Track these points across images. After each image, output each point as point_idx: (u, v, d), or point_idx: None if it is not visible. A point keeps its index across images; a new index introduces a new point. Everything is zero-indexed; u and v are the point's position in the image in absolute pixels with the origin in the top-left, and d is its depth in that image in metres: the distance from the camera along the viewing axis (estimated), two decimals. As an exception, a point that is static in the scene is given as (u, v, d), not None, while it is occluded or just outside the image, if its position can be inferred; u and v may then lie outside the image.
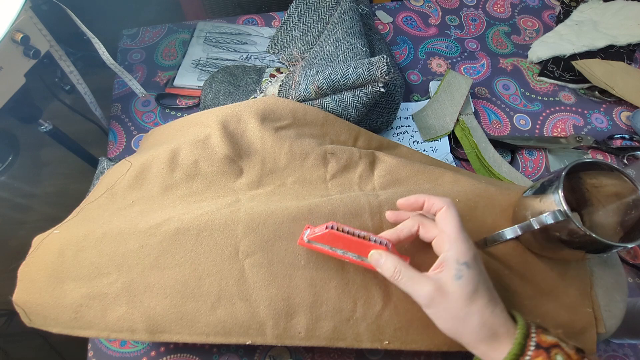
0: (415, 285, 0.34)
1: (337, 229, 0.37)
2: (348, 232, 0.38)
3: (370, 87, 0.50)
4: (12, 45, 0.49)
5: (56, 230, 0.43)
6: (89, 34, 0.55)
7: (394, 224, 0.39)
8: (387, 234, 0.38)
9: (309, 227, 0.39)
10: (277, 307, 0.38)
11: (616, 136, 0.61)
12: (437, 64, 0.69)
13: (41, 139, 1.30)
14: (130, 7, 1.04)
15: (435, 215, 0.36)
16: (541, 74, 0.67)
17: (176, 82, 0.65)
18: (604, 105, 0.65)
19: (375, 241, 0.37)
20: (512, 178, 0.56)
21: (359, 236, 0.37)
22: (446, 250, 0.34)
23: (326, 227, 0.37)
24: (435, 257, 0.36)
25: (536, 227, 0.36)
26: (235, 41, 0.70)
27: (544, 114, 0.64)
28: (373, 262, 0.36)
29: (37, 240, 0.42)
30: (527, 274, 0.41)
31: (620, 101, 0.64)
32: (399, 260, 0.35)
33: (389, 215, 0.40)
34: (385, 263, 0.35)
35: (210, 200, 0.43)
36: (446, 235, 0.35)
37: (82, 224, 0.43)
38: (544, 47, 0.68)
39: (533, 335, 0.32)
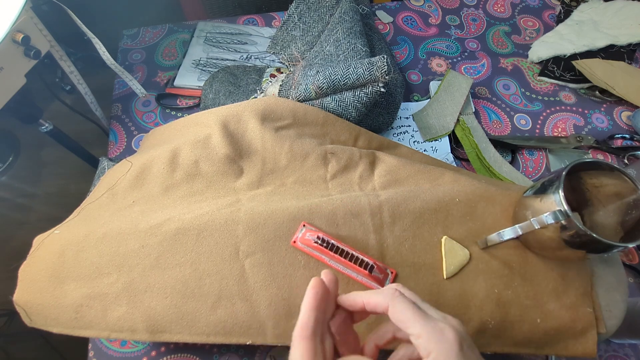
0: None
1: (325, 242, 0.38)
2: (335, 247, 0.38)
3: (370, 87, 0.50)
4: (12, 45, 0.49)
5: (57, 231, 0.43)
6: (90, 34, 0.55)
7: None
8: (352, 299, 0.30)
9: (304, 225, 0.40)
10: (277, 307, 0.38)
11: (617, 136, 0.61)
12: (437, 64, 0.69)
13: (42, 139, 1.30)
14: (130, 7, 1.04)
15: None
16: (541, 74, 0.67)
17: (176, 82, 0.65)
18: (604, 105, 0.65)
19: (359, 261, 0.38)
20: (512, 178, 0.56)
21: (345, 254, 0.38)
22: (428, 349, 0.26)
23: (315, 241, 0.38)
24: None
25: (537, 227, 0.36)
26: (235, 41, 0.70)
27: (544, 114, 0.64)
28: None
29: (37, 240, 0.43)
30: (528, 274, 0.41)
31: (620, 101, 0.64)
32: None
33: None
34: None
35: (210, 200, 0.43)
36: (421, 328, 0.26)
37: (83, 224, 0.43)
38: (544, 47, 0.68)
39: None
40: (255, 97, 0.57)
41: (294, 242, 0.40)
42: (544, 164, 0.60)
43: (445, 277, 0.40)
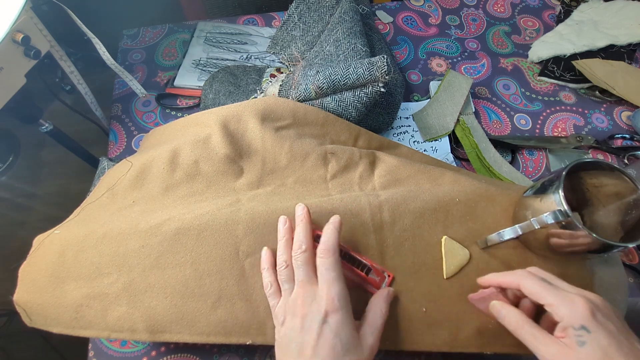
0: (541, 344, 0.31)
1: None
2: (347, 255, 0.39)
3: (370, 87, 0.50)
4: (12, 45, 0.49)
5: (57, 231, 0.43)
6: (90, 34, 0.55)
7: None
8: (488, 279, 0.37)
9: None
10: (277, 307, 0.38)
11: (617, 136, 0.61)
12: (437, 64, 0.69)
13: (42, 139, 1.30)
14: (130, 7, 1.04)
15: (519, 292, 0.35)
16: (541, 74, 0.67)
17: (176, 82, 0.65)
18: (604, 105, 0.65)
19: (357, 263, 0.39)
20: (512, 178, 0.56)
21: (343, 255, 0.39)
22: (560, 315, 0.31)
23: (315, 240, 0.38)
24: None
25: (537, 227, 0.36)
26: (235, 41, 0.70)
27: (544, 114, 0.64)
28: (494, 312, 0.35)
29: (37, 240, 0.43)
30: (528, 274, 0.41)
31: (620, 101, 0.64)
32: (522, 314, 0.34)
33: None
34: (508, 315, 0.34)
35: (210, 200, 0.43)
36: (552, 298, 0.32)
37: (83, 224, 0.43)
38: (544, 47, 0.68)
39: None
40: (255, 97, 0.57)
41: None
42: (544, 164, 0.60)
43: (445, 277, 0.40)
